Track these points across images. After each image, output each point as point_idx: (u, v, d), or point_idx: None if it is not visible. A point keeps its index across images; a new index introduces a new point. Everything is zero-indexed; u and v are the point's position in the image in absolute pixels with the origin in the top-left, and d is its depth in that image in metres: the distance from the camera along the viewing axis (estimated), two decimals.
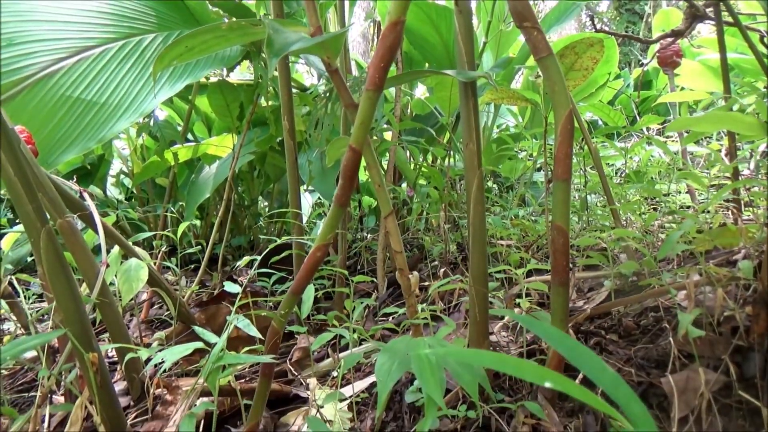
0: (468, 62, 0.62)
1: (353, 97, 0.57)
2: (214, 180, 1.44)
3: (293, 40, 0.45)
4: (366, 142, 0.54)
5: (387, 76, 0.41)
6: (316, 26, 0.57)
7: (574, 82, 1.00)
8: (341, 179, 0.45)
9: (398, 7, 0.38)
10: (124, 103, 0.92)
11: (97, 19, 0.99)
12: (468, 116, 0.62)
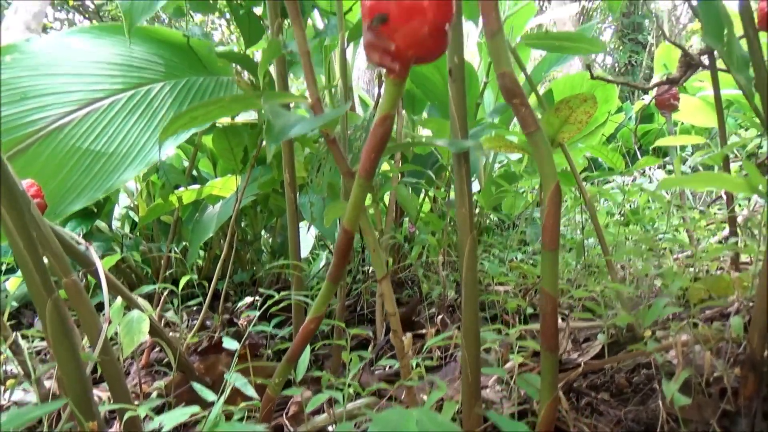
0: (461, 129, 0.64)
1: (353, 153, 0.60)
2: (217, 219, 1.47)
3: (292, 124, 0.47)
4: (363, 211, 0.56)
5: (378, 164, 0.43)
6: (315, 98, 0.59)
7: (569, 134, 1.02)
8: (334, 257, 0.48)
9: (388, 103, 0.41)
10: (132, 152, 0.95)
11: (106, 70, 1.03)
12: (461, 181, 0.64)
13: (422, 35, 0.38)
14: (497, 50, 0.54)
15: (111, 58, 1.05)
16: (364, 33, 0.39)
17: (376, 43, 0.38)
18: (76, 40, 1.05)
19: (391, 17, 0.37)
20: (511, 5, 1.93)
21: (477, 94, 1.89)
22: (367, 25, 0.39)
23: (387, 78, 0.40)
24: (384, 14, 0.37)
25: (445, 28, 0.39)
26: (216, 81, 1.22)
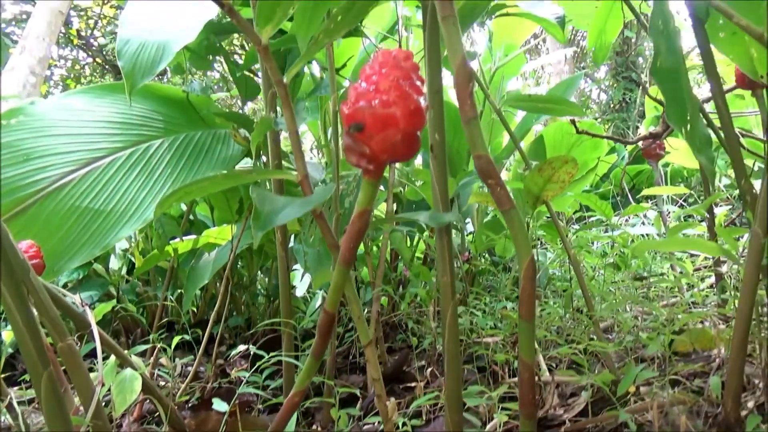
0: (442, 202, 0.67)
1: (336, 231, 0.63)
2: (213, 266, 1.49)
3: (279, 209, 0.50)
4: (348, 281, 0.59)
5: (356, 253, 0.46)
6: (303, 174, 0.63)
7: (552, 192, 1.06)
8: (317, 335, 0.50)
9: (365, 200, 0.44)
10: (129, 210, 0.98)
11: (106, 129, 1.07)
12: (443, 251, 0.67)
13: (395, 142, 0.41)
14: (473, 135, 0.58)
15: (111, 117, 1.10)
16: (344, 136, 0.43)
17: (353, 147, 0.42)
18: (77, 101, 1.09)
19: (367, 126, 0.41)
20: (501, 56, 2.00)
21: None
22: (345, 130, 0.42)
23: (363, 178, 0.43)
24: (360, 123, 0.41)
25: (416, 135, 0.42)
26: (213, 135, 1.26)
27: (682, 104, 0.62)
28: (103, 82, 9.42)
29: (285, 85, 0.62)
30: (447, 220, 0.63)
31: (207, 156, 1.20)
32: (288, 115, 0.62)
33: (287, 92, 0.62)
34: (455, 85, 0.57)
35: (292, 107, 0.61)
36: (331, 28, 0.63)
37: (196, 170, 1.13)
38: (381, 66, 0.42)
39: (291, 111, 0.62)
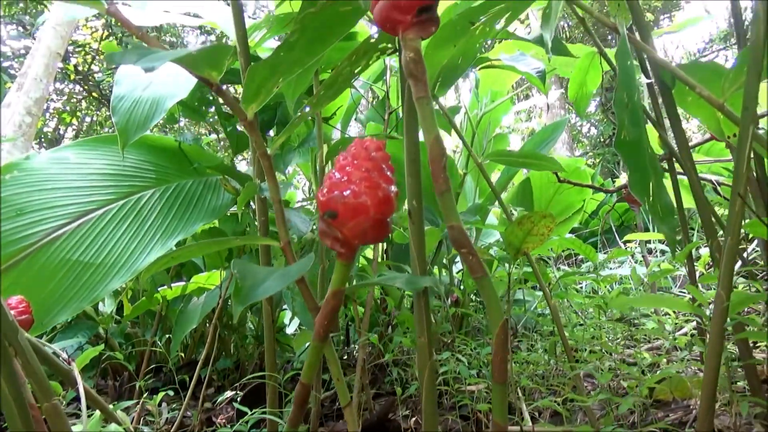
0: (420, 266, 0.70)
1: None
2: (202, 309, 1.51)
3: (260, 282, 0.53)
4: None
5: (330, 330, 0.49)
6: (286, 241, 0.65)
7: (532, 244, 1.09)
8: (293, 406, 0.52)
9: (339, 279, 0.47)
10: (119, 262, 1.00)
11: (99, 181, 1.10)
12: (420, 313, 0.70)
13: (365, 229, 0.44)
14: (446, 206, 0.61)
15: (104, 169, 1.13)
16: (319, 221, 0.46)
17: (327, 231, 0.45)
18: (71, 154, 1.12)
19: (340, 214, 0.44)
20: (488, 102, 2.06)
21: (456, 184, 1.98)
22: (320, 215, 0.45)
23: (337, 260, 0.46)
24: (334, 211, 0.44)
25: (385, 221, 0.45)
26: (204, 183, 1.29)
27: (645, 176, 0.66)
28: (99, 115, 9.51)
29: (269, 156, 0.65)
30: (423, 284, 0.66)
31: (197, 205, 1.22)
32: (272, 186, 0.65)
33: (270, 164, 0.65)
34: (429, 162, 0.61)
35: (275, 178, 0.64)
36: (314, 103, 0.67)
37: (186, 220, 1.16)
38: (353, 157, 0.45)
39: (275, 181, 0.65)
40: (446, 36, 0.97)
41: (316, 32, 0.55)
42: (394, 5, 0.58)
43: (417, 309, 0.70)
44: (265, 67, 0.57)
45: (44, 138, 9.45)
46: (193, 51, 0.49)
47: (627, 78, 0.73)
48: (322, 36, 0.56)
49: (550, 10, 1.06)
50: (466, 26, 0.96)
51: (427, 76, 0.60)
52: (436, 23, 0.61)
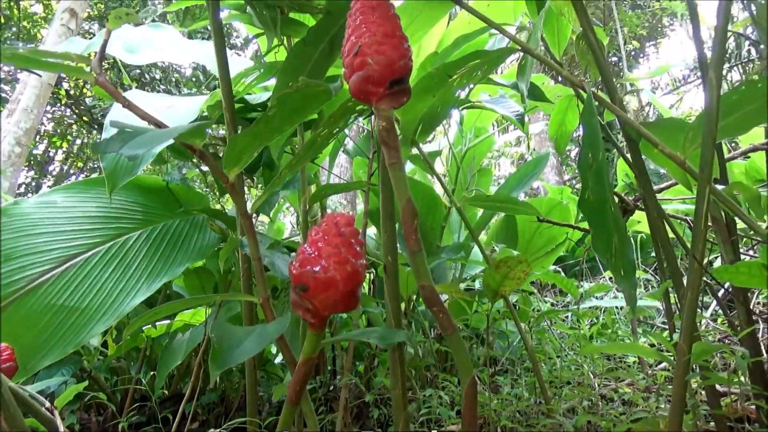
0: (395, 319, 0.73)
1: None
2: (186, 346, 1.52)
3: (237, 344, 0.55)
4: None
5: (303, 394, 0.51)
6: (264, 297, 0.68)
7: (509, 287, 1.12)
8: None
9: (310, 348, 0.49)
10: (104, 306, 1.02)
11: (86, 224, 1.12)
12: (394, 365, 0.72)
13: (335, 301, 0.47)
14: (417, 267, 0.64)
15: (91, 212, 1.15)
16: (291, 292, 0.48)
17: (299, 302, 0.48)
18: (59, 198, 1.14)
19: (311, 288, 0.47)
20: (472, 138, 2.11)
21: (441, 218, 2.02)
22: (293, 287, 0.48)
23: (308, 330, 0.49)
24: (305, 285, 0.47)
25: (354, 293, 0.48)
26: (191, 222, 1.32)
27: (608, 236, 0.70)
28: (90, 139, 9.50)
29: (249, 217, 0.68)
30: (397, 339, 0.68)
31: (183, 245, 1.24)
32: (251, 243, 0.68)
33: (251, 223, 0.68)
34: (402, 223, 0.64)
35: (256, 239, 0.67)
36: (293, 164, 0.70)
37: (172, 261, 1.18)
38: (324, 233, 0.48)
39: (254, 239, 0.68)
40: (425, 87, 1.02)
41: (293, 107, 0.58)
42: (367, 78, 0.61)
43: (392, 362, 0.72)
44: (246, 136, 0.61)
45: (33, 161, 9.43)
46: (178, 129, 0.52)
47: (592, 137, 0.77)
48: (298, 110, 0.60)
49: (525, 62, 1.11)
50: (444, 78, 1.00)
51: (399, 143, 0.64)
52: (407, 94, 0.65)
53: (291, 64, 1.01)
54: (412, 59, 0.65)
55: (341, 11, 0.99)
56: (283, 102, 0.56)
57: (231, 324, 1.52)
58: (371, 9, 0.64)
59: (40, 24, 8.57)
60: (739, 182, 0.91)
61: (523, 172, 2.24)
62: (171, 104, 1.28)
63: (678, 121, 0.86)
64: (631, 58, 13.10)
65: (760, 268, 0.89)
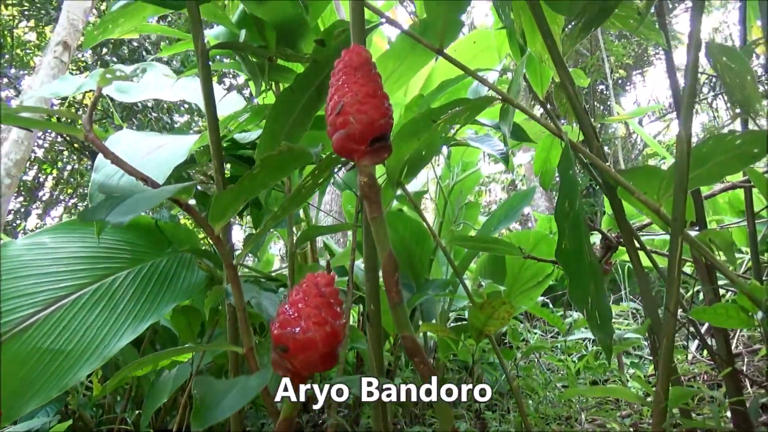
0: (377, 369, 0.74)
1: None
2: (173, 384, 1.51)
3: (219, 400, 0.56)
4: None
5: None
6: (249, 347, 0.69)
7: (494, 327, 1.14)
8: None
9: (289, 409, 0.50)
10: (89, 348, 1.02)
11: (73, 265, 1.13)
12: (377, 415, 0.73)
13: (314, 361, 0.48)
14: (399, 318, 0.65)
15: (78, 252, 1.15)
16: (271, 352, 0.50)
17: (279, 363, 0.49)
18: (47, 239, 1.15)
19: (290, 348, 0.48)
20: (458, 172, 2.14)
21: (430, 251, 2.03)
22: (273, 347, 0.49)
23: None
24: (285, 346, 0.48)
25: (334, 352, 0.49)
26: (179, 260, 1.32)
27: (585, 285, 0.72)
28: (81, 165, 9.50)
29: (234, 267, 0.70)
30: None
31: (171, 284, 1.25)
32: (236, 293, 0.69)
33: (236, 273, 0.69)
34: (383, 276, 0.65)
35: (241, 288, 0.68)
36: (279, 214, 0.72)
37: (159, 301, 1.18)
38: (305, 293, 0.50)
39: (239, 289, 0.69)
40: (410, 131, 1.05)
41: (275, 167, 0.60)
42: (349, 136, 0.64)
43: (374, 411, 0.73)
44: (231, 193, 0.63)
45: (23, 187, 9.39)
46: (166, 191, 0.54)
47: (569, 187, 0.80)
48: (280, 168, 0.62)
49: (507, 108, 1.14)
50: (429, 123, 1.03)
51: (380, 197, 0.66)
52: (388, 150, 0.68)
53: (278, 110, 1.04)
54: (392, 117, 0.67)
55: (328, 60, 1.02)
56: (266, 163, 0.58)
57: (219, 360, 1.51)
58: (354, 69, 0.67)
59: (33, 52, 8.64)
60: (712, 229, 0.93)
61: (510, 204, 2.27)
62: (161, 144, 1.30)
63: (653, 169, 0.88)
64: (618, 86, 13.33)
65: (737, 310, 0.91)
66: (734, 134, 0.75)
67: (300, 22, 1.03)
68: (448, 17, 0.93)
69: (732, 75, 0.74)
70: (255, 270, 2.01)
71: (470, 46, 1.93)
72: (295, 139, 1.05)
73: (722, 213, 3.26)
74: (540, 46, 1.13)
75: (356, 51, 0.68)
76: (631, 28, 0.91)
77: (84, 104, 7.69)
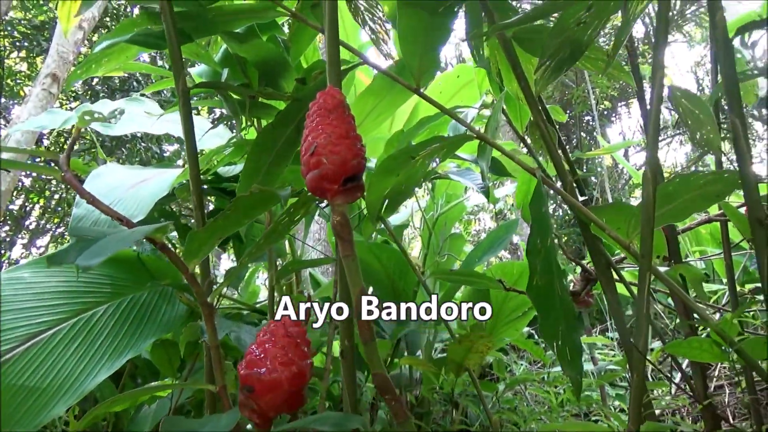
0: (351, 406, 0.74)
1: None
2: (153, 418, 1.49)
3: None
4: None
5: None
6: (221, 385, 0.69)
7: (473, 361, 1.14)
8: None
9: None
10: (65, 385, 1.01)
11: (50, 300, 1.13)
12: None
13: (280, 402, 0.49)
14: (370, 355, 0.66)
15: (58, 287, 1.15)
16: (239, 392, 0.50)
17: (245, 403, 0.49)
18: (27, 274, 1.15)
19: (256, 389, 0.49)
20: (443, 204, 2.16)
21: (414, 282, 2.04)
22: (240, 388, 0.50)
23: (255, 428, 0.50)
24: (251, 387, 0.49)
25: (300, 393, 0.50)
26: (160, 293, 1.32)
27: (555, 322, 0.73)
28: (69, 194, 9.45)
29: (209, 305, 0.70)
30: (352, 426, 0.69)
31: (152, 317, 1.25)
32: (210, 331, 0.70)
33: (211, 312, 0.70)
34: (355, 313, 0.66)
35: (215, 325, 0.69)
36: (253, 252, 0.73)
37: (138, 335, 1.17)
38: (272, 334, 0.50)
39: (213, 328, 0.70)
40: (389, 167, 1.07)
41: (248, 206, 0.62)
42: (322, 176, 0.65)
43: None
44: (205, 232, 0.64)
45: (9, 216, 9.31)
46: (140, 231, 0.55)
47: (541, 225, 0.81)
48: (253, 208, 0.63)
49: (484, 145, 1.17)
50: (407, 159, 1.05)
51: (352, 237, 0.67)
52: (361, 190, 0.69)
53: (260, 146, 1.06)
54: (365, 158, 0.69)
55: (307, 98, 1.04)
56: (238, 203, 0.59)
57: (199, 394, 1.50)
58: (328, 111, 0.69)
59: (23, 82, 8.67)
60: (683, 264, 0.95)
61: (496, 235, 2.29)
62: (145, 178, 1.32)
63: (623, 205, 0.91)
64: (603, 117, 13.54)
65: (710, 344, 0.92)
66: (698, 174, 0.77)
67: (281, 61, 1.05)
68: (424, 58, 0.96)
69: (693, 118, 0.77)
70: (239, 302, 2.01)
71: (454, 80, 1.97)
72: (275, 174, 1.07)
73: (705, 244, 3.30)
74: (516, 86, 1.17)
75: (330, 94, 0.70)
76: (600, 69, 0.95)
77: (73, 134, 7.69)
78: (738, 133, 0.68)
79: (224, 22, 1.00)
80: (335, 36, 0.81)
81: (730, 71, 0.68)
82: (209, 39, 1.14)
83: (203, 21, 0.96)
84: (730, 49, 0.68)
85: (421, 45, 0.93)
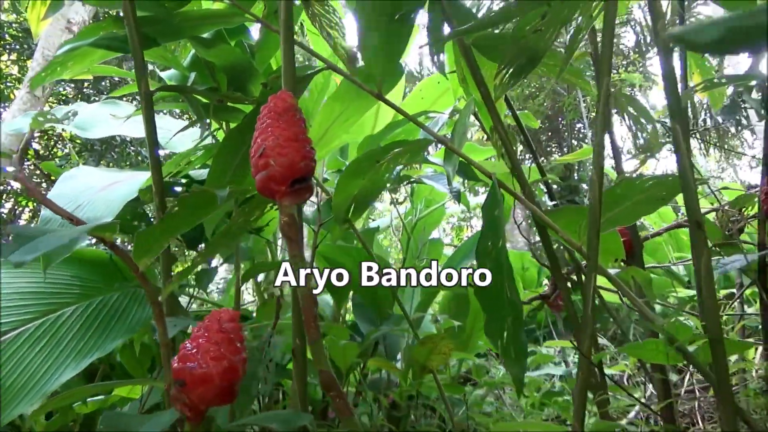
0: (301, 404, 0.75)
1: None
2: None
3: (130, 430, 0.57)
4: None
5: None
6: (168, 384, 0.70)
7: (436, 362, 1.15)
8: None
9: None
10: (28, 385, 1.02)
11: (17, 301, 1.13)
12: None
13: (212, 396, 0.50)
14: (317, 354, 0.67)
15: (25, 288, 1.16)
16: (172, 388, 0.51)
17: (177, 396, 0.51)
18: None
19: (188, 383, 0.50)
20: (422, 209, 2.18)
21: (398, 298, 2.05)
22: (172, 381, 0.51)
23: (186, 423, 0.52)
24: (183, 380, 0.50)
25: (231, 387, 0.51)
26: (131, 295, 1.33)
27: (501, 321, 0.74)
28: None
29: (159, 303, 0.71)
30: (300, 423, 0.71)
31: (121, 319, 1.25)
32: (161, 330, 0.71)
33: (161, 310, 0.71)
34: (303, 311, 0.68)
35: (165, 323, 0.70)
36: (207, 252, 0.74)
37: (106, 336, 1.18)
38: (206, 329, 0.52)
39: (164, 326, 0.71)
40: (355, 171, 1.08)
41: (192, 206, 0.63)
42: (270, 177, 0.67)
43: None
44: (155, 231, 0.65)
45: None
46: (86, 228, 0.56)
47: (493, 228, 0.83)
48: (198, 208, 0.65)
49: (450, 152, 1.19)
50: (373, 163, 1.07)
51: (299, 237, 0.69)
52: (310, 191, 0.71)
53: (226, 148, 1.07)
54: (314, 160, 0.71)
55: None
56: (182, 204, 0.61)
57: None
58: (278, 114, 0.71)
59: (14, 85, 8.65)
60: (633, 266, 0.97)
61: (472, 242, 2.31)
62: (115, 180, 1.33)
63: (576, 208, 0.93)
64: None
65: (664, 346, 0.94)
66: (643, 177, 0.79)
67: (248, 66, 1.07)
68: (386, 67, 0.98)
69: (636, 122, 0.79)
70: (215, 303, 2.01)
71: (435, 86, 2.00)
72: (242, 177, 1.08)
73: (686, 250, 3.33)
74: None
75: (281, 97, 0.72)
76: (555, 74, 0.97)
77: (63, 138, 7.69)
78: (678, 138, 0.70)
79: (191, 27, 1.02)
80: (290, 38, 0.83)
81: (670, 76, 0.71)
82: (178, 43, 1.15)
83: (169, 26, 0.98)
84: (670, 56, 0.70)
85: (382, 51, 0.95)
